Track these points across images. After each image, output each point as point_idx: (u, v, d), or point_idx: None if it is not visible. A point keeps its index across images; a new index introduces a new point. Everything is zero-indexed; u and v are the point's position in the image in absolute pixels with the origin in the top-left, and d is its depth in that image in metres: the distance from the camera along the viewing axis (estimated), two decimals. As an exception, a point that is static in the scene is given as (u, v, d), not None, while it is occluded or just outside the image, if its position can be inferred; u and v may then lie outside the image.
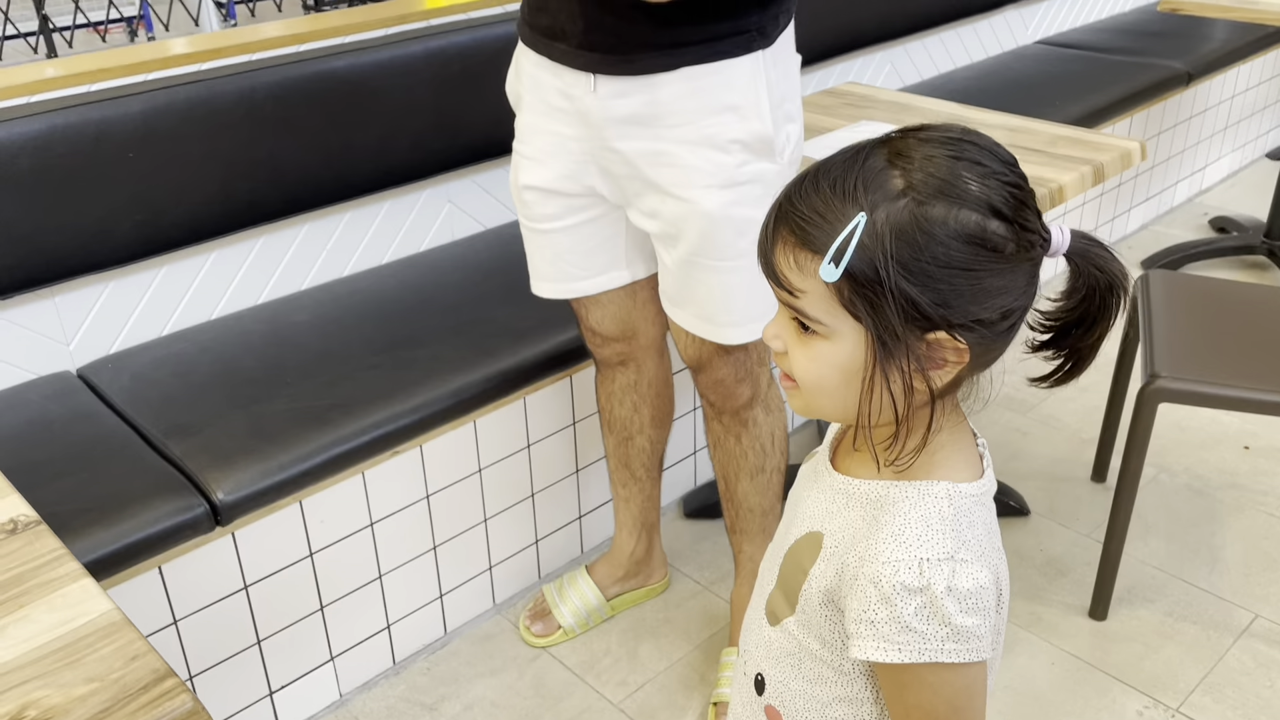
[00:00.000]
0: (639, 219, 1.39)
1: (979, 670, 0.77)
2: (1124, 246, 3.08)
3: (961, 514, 0.77)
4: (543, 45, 1.34)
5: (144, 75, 1.73)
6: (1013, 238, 0.73)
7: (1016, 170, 0.75)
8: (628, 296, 1.54)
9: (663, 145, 1.30)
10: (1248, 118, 3.46)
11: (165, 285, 1.82)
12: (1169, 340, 1.75)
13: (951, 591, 0.73)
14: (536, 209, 1.45)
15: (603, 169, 1.37)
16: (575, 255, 1.48)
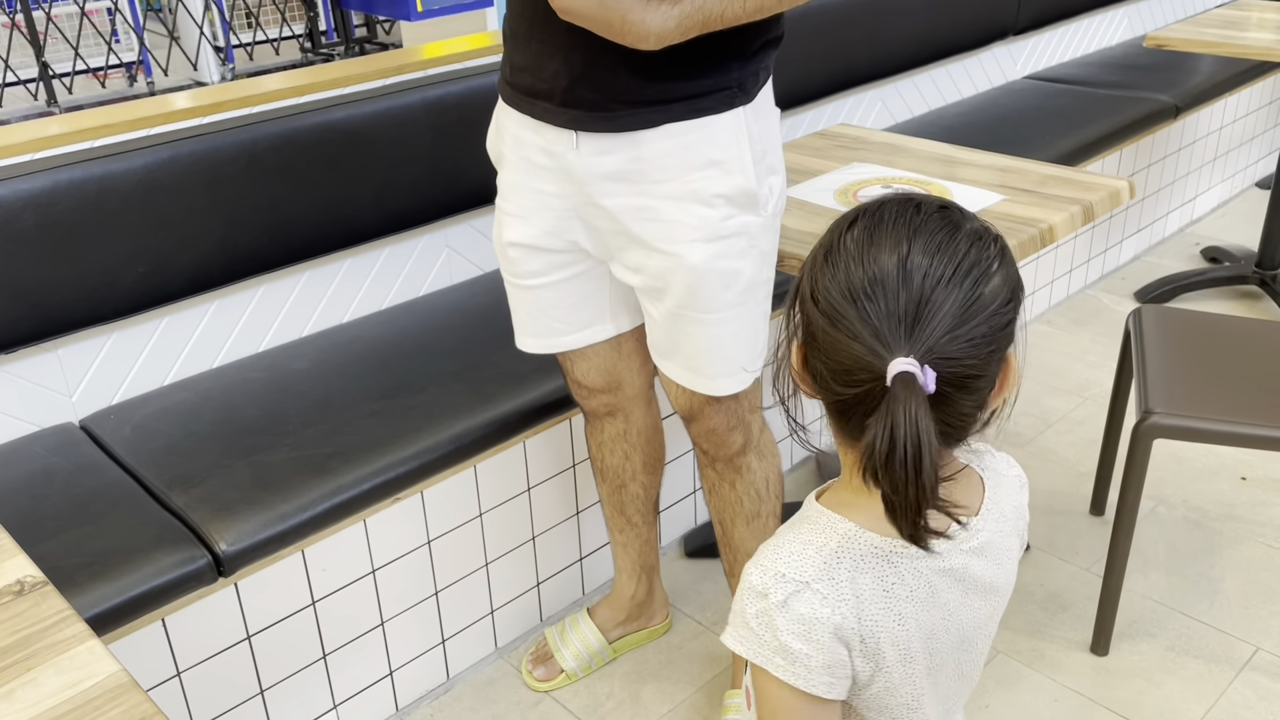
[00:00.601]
0: (623, 273, 1.41)
1: (802, 698, 0.81)
2: (1117, 278, 3.11)
3: (846, 555, 0.82)
4: (524, 104, 1.35)
5: (145, 130, 1.75)
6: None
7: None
8: (612, 349, 1.56)
9: (647, 201, 1.31)
10: (1236, 148, 3.50)
11: (167, 335, 1.83)
12: (1163, 376, 1.77)
13: (784, 609, 0.80)
14: (520, 265, 1.46)
15: (586, 224, 1.39)
16: (560, 310, 1.49)
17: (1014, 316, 0.78)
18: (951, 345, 0.73)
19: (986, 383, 0.78)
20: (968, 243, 0.76)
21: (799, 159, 2.08)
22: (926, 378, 0.72)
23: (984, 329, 0.75)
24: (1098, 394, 2.52)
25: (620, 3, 1.13)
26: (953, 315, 0.73)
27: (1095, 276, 3.08)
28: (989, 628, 0.91)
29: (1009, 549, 0.89)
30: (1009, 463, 0.92)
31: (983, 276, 0.75)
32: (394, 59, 2.07)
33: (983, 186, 1.86)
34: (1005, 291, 0.77)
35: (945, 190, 1.86)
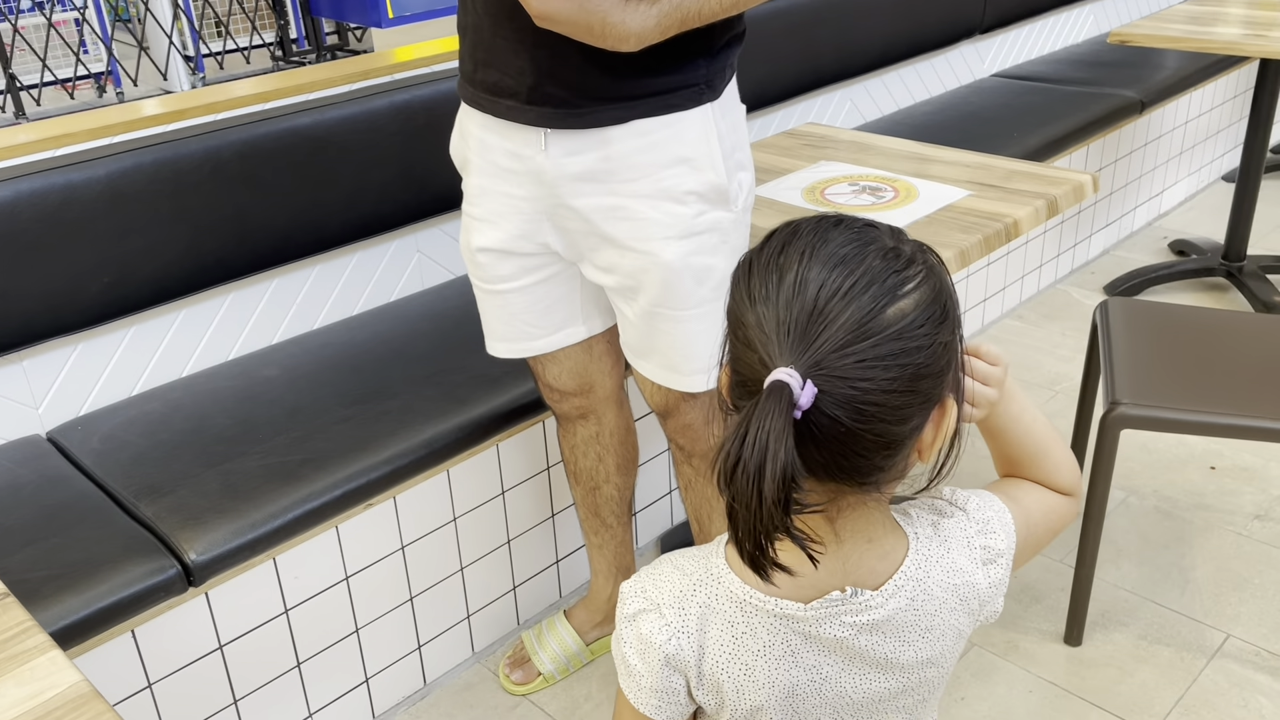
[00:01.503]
0: (594, 274, 1.41)
1: (635, 716, 0.82)
2: (1086, 273, 3.13)
3: (703, 591, 0.80)
4: (487, 103, 1.34)
5: (109, 139, 1.74)
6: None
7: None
8: (584, 351, 1.56)
9: (618, 200, 1.32)
10: (1202, 142, 3.54)
11: (134, 345, 1.82)
12: (1129, 367, 1.79)
13: (631, 623, 0.80)
14: (490, 270, 1.45)
15: (556, 226, 1.38)
16: (531, 314, 1.49)
17: (931, 348, 0.70)
18: (842, 362, 0.67)
19: (899, 424, 0.70)
20: (878, 258, 0.70)
21: (767, 158, 2.09)
22: (804, 392, 0.66)
23: (884, 350, 0.68)
24: (1068, 387, 2.54)
25: (599, 5, 1.13)
26: (846, 330, 0.68)
27: (1065, 271, 3.11)
28: (906, 699, 0.83)
29: (933, 629, 0.80)
30: (983, 531, 0.83)
31: (887, 294, 0.69)
32: (361, 64, 2.07)
33: (949, 183, 1.87)
34: (918, 315, 0.69)
35: (911, 187, 1.88)
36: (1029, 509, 0.87)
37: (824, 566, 0.77)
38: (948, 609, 0.81)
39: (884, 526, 0.79)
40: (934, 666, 0.83)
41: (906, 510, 0.83)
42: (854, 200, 1.85)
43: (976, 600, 0.82)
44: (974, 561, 0.82)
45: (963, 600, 0.81)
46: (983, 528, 0.83)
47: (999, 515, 0.84)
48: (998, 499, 0.86)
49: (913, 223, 1.72)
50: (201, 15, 5.06)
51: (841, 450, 0.70)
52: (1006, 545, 0.83)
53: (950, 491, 0.85)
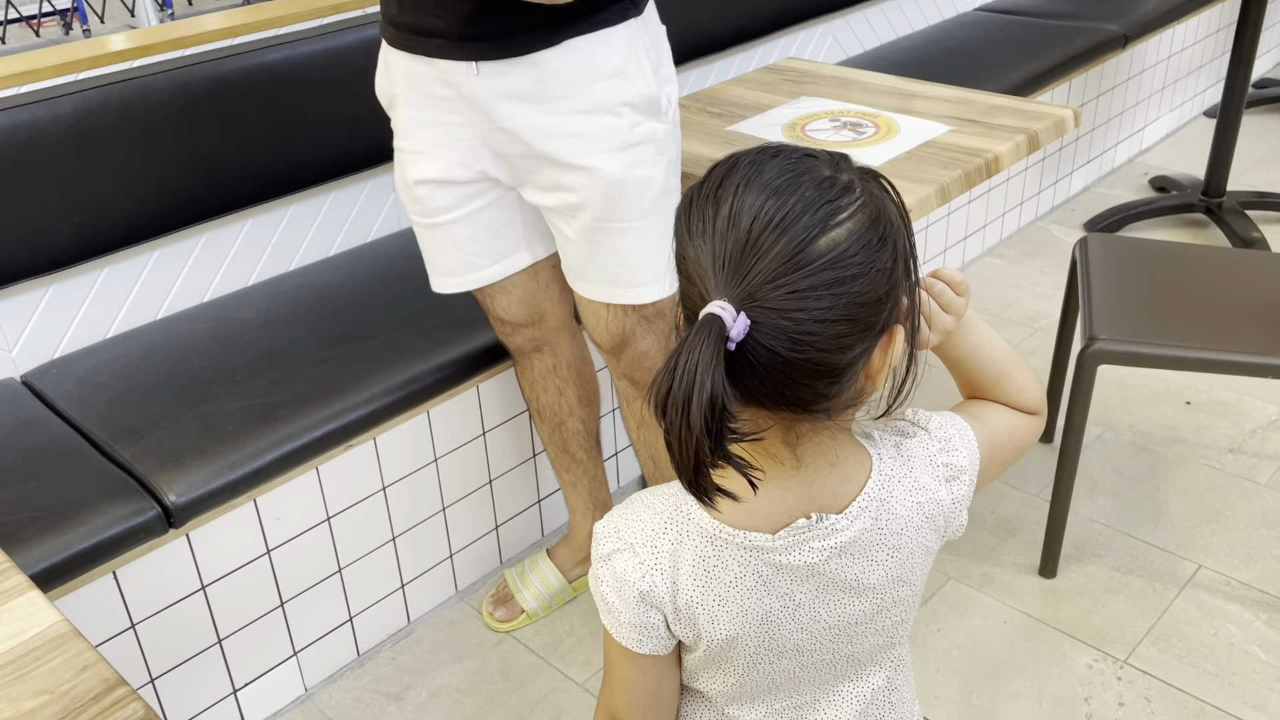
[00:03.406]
0: (536, 195, 1.41)
1: (622, 651, 0.84)
2: (1067, 209, 3.13)
3: (674, 528, 0.80)
4: (414, 44, 1.33)
5: (75, 75, 1.70)
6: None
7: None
8: (530, 279, 1.56)
9: (554, 119, 1.32)
10: (1185, 77, 3.52)
11: (107, 287, 1.79)
12: (1107, 302, 1.79)
13: (607, 562, 0.82)
14: (430, 203, 1.45)
15: (494, 151, 1.38)
16: (474, 244, 1.49)
17: (868, 276, 0.69)
18: (774, 293, 0.67)
19: (838, 352, 0.70)
20: (811, 187, 0.70)
21: (748, 94, 2.06)
22: (736, 324, 0.66)
23: (816, 280, 0.67)
24: (1048, 325, 2.55)
25: None
26: (778, 261, 0.67)
27: (1045, 209, 3.11)
28: (882, 621, 0.85)
29: (900, 548, 0.81)
30: (945, 449, 0.84)
31: (819, 223, 0.68)
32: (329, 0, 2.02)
33: (931, 118, 1.86)
34: (851, 244, 0.68)
35: (892, 123, 1.86)
36: (993, 427, 0.88)
37: (789, 492, 0.78)
38: (914, 527, 0.82)
39: (846, 450, 0.80)
40: (905, 585, 0.84)
41: (870, 433, 0.84)
42: (834, 136, 1.83)
43: (941, 517, 0.83)
44: (937, 479, 0.83)
45: (928, 518, 0.83)
46: (945, 445, 0.84)
47: (961, 433, 0.85)
48: (960, 418, 0.87)
49: (893, 159, 1.71)
50: (168, -51, 4.92)
51: (781, 380, 0.70)
52: (969, 461, 0.84)
53: (913, 413, 0.86)
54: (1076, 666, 1.68)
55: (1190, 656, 1.68)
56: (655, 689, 0.86)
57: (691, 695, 0.91)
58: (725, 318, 0.67)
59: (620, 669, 0.86)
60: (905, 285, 0.74)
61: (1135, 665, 1.67)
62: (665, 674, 0.86)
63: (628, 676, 0.86)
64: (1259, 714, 1.58)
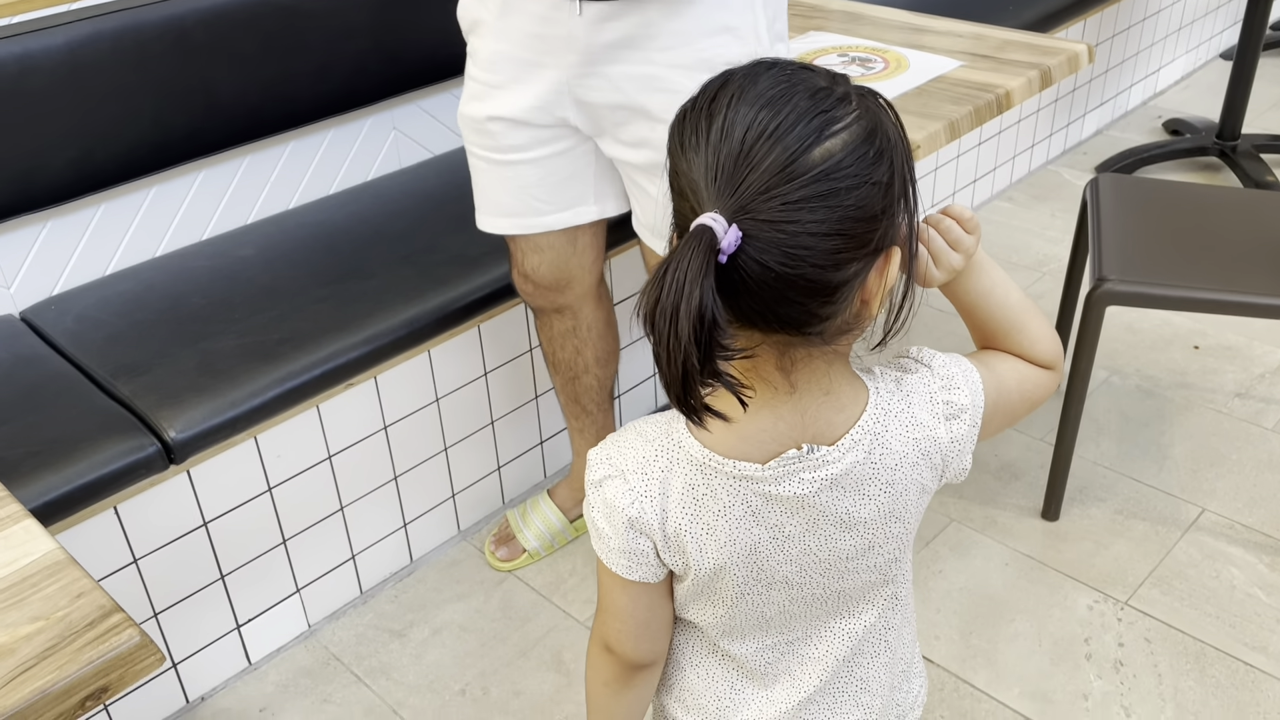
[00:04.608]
0: (617, 149, 1.34)
1: (614, 577, 0.84)
2: (1079, 152, 3.08)
3: (664, 455, 0.80)
4: None
5: (67, 5, 1.66)
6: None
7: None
8: (568, 243, 1.50)
9: (654, 69, 1.25)
10: (1201, 18, 3.44)
11: (105, 223, 1.78)
12: (1117, 243, 1.77)
13: (598, 489, 0.82)
14: (503, 139, 1.38)
15: (578, 100, 1.31)
16: (542, 189, 1.42)
17: (862, 189, 0.67)
18: (767, 204, 0.66)
19: (833, 269, 0.68)
20: (806, 97, 0.68)
21: (754, 30, 2.02)
22: (728, 235, 0.65)
23: (809, 192, 0.66)
24: (1056, 269, 2.52)
25: None
26: (770, 172, 0.66)
27: (1057, 152, 3.06)
28: (873, 557, 0.83)
29: (894, 484, 0.80)
30: (946, 387, 0.82)
31: (813, 133, 0.66)
32: (329, -71, 1.97)
33: (941, 54, 1.82)
34: (846, 156, 0.67)
35: (902, 58, 1.82)
36: (1001, 375, 0.86)
37: (782, 420, 0.77)
38: (908, 463, 0.80)
39: (842, 380, 0.78)
40: (898, 522, 0.83)
41: (870, 367, 0.82)
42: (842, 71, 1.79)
43: (939, 454, 0.82)
44: (935, 416, 0.81)
45: (924, 455, 0.81)
46: (946, 383, 0.82)
47: (965, 372, 0.83)
48: (966, 359, 0.85)
49: (902, 94, 1.67)
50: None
51: (775, 297, 0.69)
52: (971, 401, 0.82)
53: (917, 350, 0.85)
54: (1077, 608, 1.68)
55: (1191, 599, 1.68)
56: (646, 616, 0.86)
57: (685, 628, 0.91)
58: (716, 229, 0.65)
59: (612, 596, 0.86)
60: (903, 206, 0.72)
61: (1136, 607, 1.67)
62: (656, 602, 0.86)
63: (619, 604, 0.86)
64: (1259, 655, 1.58)
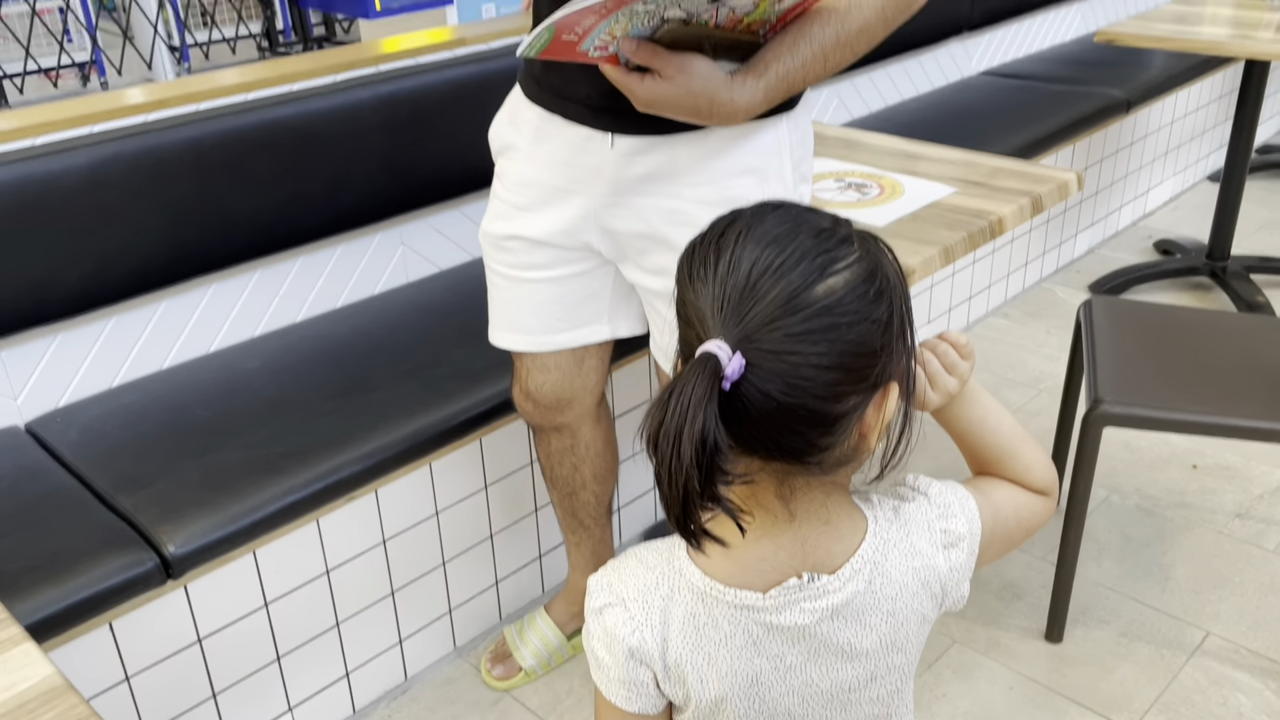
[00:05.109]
0: (639, 276, 1.36)
1: (612, 708, 0.83)
2: (1072, 271, 3.14)
3: (666, 583, 0.80)
4: (555, 104, 1.29)
5: (91, 127, 1.72)
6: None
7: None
8: (575, 363, 1.52)
9: (680, 204, 1.27)
10: (1188, 142, 3.55)
11: (115, 336, 1.80)
12: (1112, 364, 1.79)
13: (598, 616, 0.82)
14: (523, 257, 1.40)
15: (603, 226, 1.34)
16: (558, 306, 1.43)
17: (863, 325, 0.70)
18: (771, 335, 0.68)
19: (832, 401, 0.71)
20: (810, 236, 0.72)
21: (754, 154, 2.08)
22: (732, 363, 0.67)
23: (812, 325, 0.69)
24: (1053, 386, 2.55)
25: (706, 87, 1.10)
26: (775, 304, 0.69)
27: (1050, 270, 3.12)
28: (875, 689, 0.83)
29: (895, 613, 0.80)
30: (943, 515, 0.83)
31: (817, 270, 0.70)
32: (346, 54, 2.06)
33: (935, 180, 1.87)
34: (847, 293, 0.70)
35: (897, 184, 1.88)
36: (998, 502, 0.87)
37: (782, 549, 0.78)
38: (908, 592, 0.81)
39: (841, 509, 0.80)
40: (899, 652, 0.83)
41: (868, 496, 0.83)
42: (839, 196, 1.85)
43: (938, 584, 0.82)
44: (934, 545, 0.82)
45: (924, 584, 0.82)
46: (943, 511, 0.84)
47: (961, 500, 0.85)
48: (962, 487, 0.87)
49: (897, 219, 1.72)
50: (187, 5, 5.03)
51: (776, 426, 0.71)
52: (968, 530, 0.84)
53: (914, 478, 0.86)
54: (1083, 735, 1.65)
55: (1199, 726, 1.65)
56: None
57: None
58: (721, 356, 0.68)
59: None
60: (901, 344, 0.74)
61: (1143, 734, 1.64)
62: None
63: None
64: (1270, 787, 1.55)
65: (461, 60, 2.11)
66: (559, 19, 0.97)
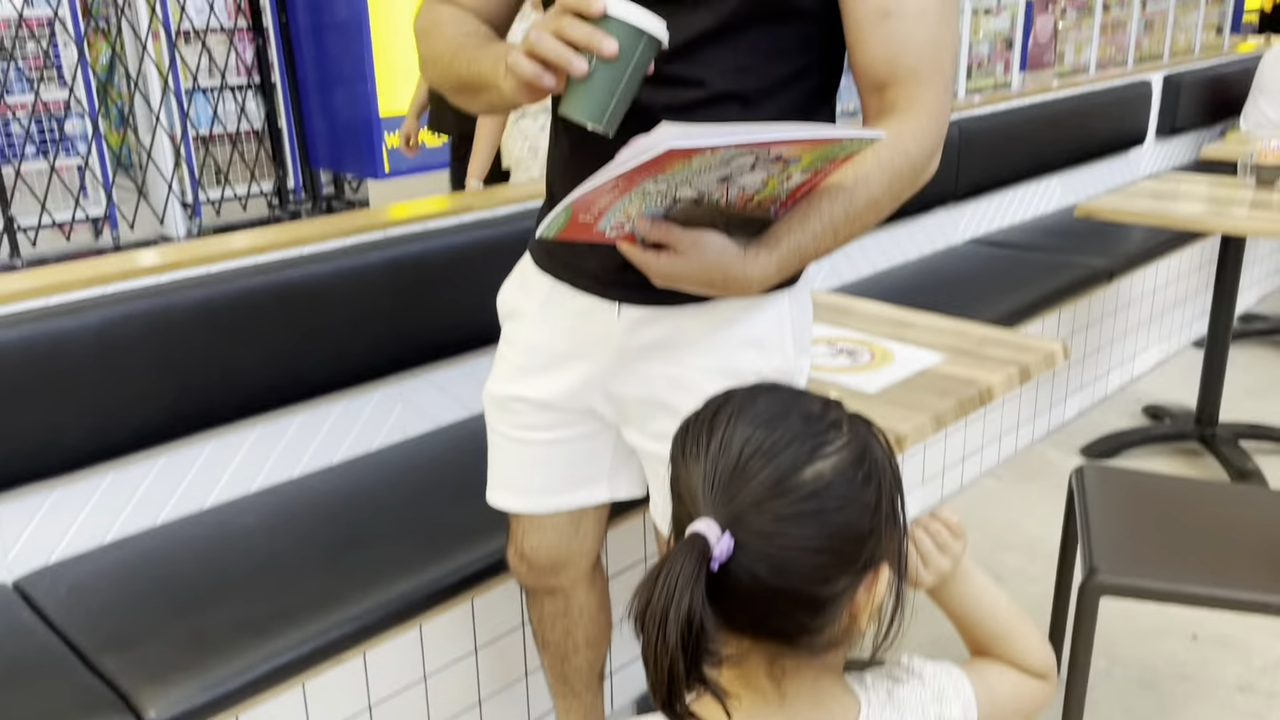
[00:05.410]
0: (641, 440, 1.38)
1: None
2: (1063, 434, 3.17)
3: None
4: (565, 273, 1.34)
5: (103, 288, 1.77)
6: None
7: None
8: (571, 525, 1.52)
9: (684, 371, 1.30)
10: (1171, 309, 3.64)
11: (111, 492, 1.80)
12: (1107, 535, 1.79)
13: None
14: (525, 418, 1.42)
15: (608, 391, 1.36)
16: (560, 468, 1.44)
17: (851, 509, 0.71)
18: (759, 517, 0.69)
19: (820, 584, 0.71)
20: (800, 420, 0.73)
21: (748, 319, 2.13)
22: (721, 543, 0.68)
23: (800, 509, 0.70)
24: (1048, 551, 2.53)
25: (720, 261, 1.13)
26: (764, 486, 0.70)
27: (1042, 433, 3.15)
28: None
29: None
30: (938, 699, 0.83)
31: (806, 454, 0.71)
32: (356, 219, 2.13)
33: (925, 347, 1.92)
34: (836, 478, 0.71)
35: (888, 351, 1.92)
36: (994, 686, 0.86)
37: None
38: None
39: (832, 691, 0.79)
40: None
41: (862, 677, 0.83)
42: (831, 362, 1.89)
43: None
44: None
45: None
46: (938, 695, 0.83)
47: (955, 683, 0.84)
48: (957, 669, 0.86)
49: (888, 386, 1.76)
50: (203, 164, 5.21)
51: (765, 607, 0.71)
52: (963, 715, 0.83)
53: (908, 658, 0.85)
54: None
55: None
56: None
57: None
58: (710, 536, 0.69)
59: None
60: (891, 526, 0.75)
61: None
62: None
63: None
64: None
65: (466, 226, 2.19)
66: (575, 199, 1.01)
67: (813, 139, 1.00)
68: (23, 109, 4.68)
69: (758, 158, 1.01)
